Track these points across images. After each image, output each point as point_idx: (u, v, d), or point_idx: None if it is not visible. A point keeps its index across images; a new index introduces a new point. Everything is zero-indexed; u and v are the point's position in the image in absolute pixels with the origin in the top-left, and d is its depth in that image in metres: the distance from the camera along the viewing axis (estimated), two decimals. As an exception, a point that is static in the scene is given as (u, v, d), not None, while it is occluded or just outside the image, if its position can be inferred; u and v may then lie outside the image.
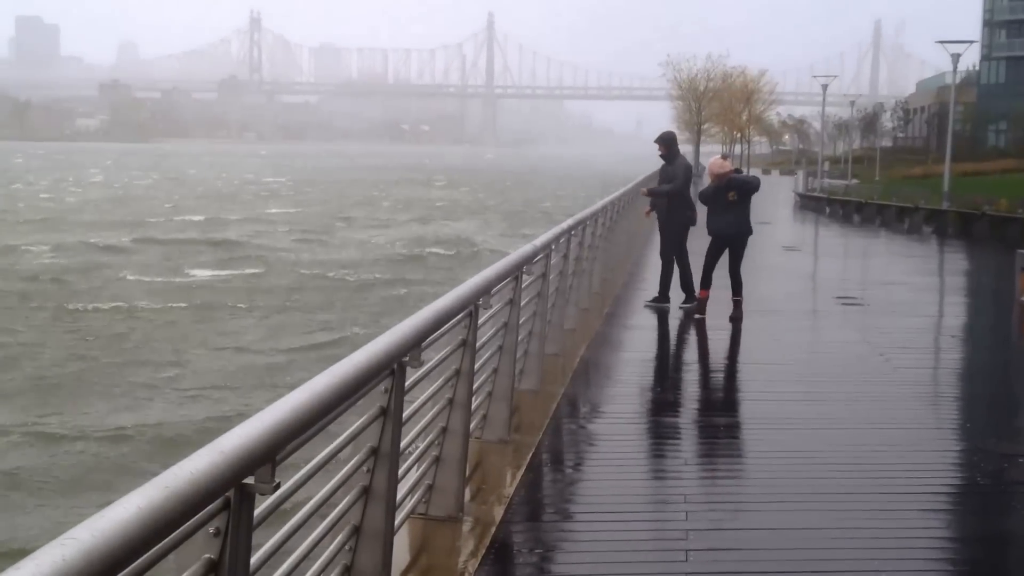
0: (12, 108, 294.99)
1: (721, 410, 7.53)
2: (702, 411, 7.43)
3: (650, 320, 11.24)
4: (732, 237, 11.07)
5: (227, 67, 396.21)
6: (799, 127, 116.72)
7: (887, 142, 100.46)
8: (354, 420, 3.27)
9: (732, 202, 11.00)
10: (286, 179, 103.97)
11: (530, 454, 5.80)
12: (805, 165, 60.15)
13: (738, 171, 11.60)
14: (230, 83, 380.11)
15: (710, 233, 11.20)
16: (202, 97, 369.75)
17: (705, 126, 72.24)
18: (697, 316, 11.14)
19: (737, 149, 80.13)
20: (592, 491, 5.43)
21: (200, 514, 1.96)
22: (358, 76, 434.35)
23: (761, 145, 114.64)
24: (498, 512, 4.84)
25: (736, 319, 10.92)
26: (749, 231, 11.31)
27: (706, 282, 11.18)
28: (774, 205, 40.76)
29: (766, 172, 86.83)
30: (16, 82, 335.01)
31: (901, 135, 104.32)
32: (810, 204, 40.01)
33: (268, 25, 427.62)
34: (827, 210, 36.53)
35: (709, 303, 11.23)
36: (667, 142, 12.17)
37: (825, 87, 51.55)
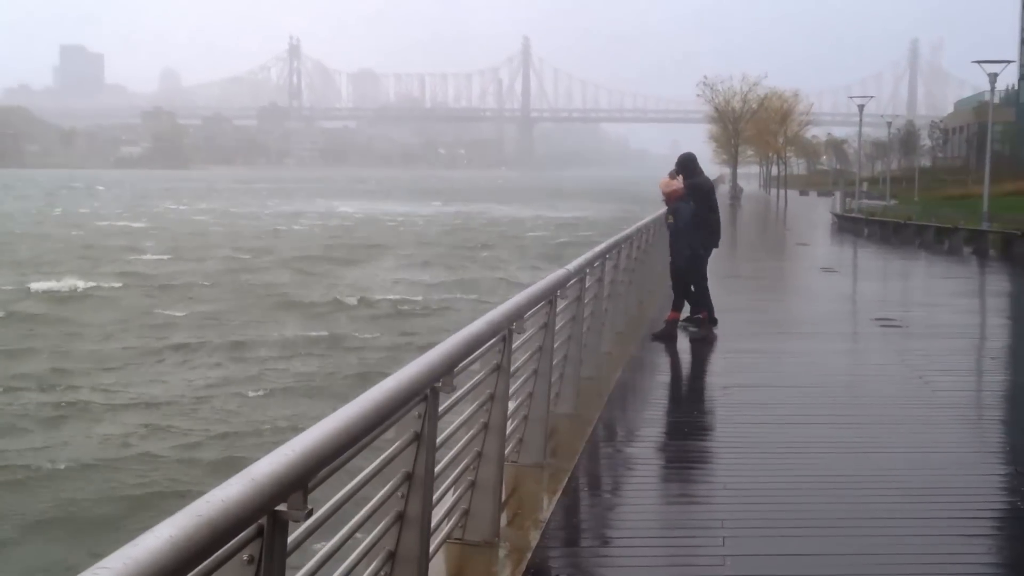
0: (57, 136, 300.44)
1: (760, 434, 7.45)
2: (739, 434, 7.35)
3: (687, 343, 11.17)
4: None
5: (267, 93, 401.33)
6: (837, 147, 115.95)
7: (926, 162, 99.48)
8: (387, 445, 3.26)
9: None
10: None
11: (566, 478, 5.77)
12: (843, 186, 59.62)
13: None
14: (270, 109, 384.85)
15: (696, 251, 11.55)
16: (242, 124, 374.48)
17: (741, 147, 71.95)
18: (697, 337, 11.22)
19: (774, 170, 79.68)
20: (629, 516, 5.38)
21: (233, 541, 1.96)
22: (395, 101, 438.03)
23: (798, 166, 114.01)
24: (534, 537, 4.81)
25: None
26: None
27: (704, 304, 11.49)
28: (811, 226, 40.43)
29: (803, 193, 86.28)
30: (61, 110, 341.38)
31: (940, 155, 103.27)
32: (848, 225, 39.62)
33: (307, 52, 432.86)
34: (865, 231, 36.15)
35: (744, 326, 11.22)
36: (682, 164, 11.99)
37: (862, 107, 51.15)
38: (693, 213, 11.43)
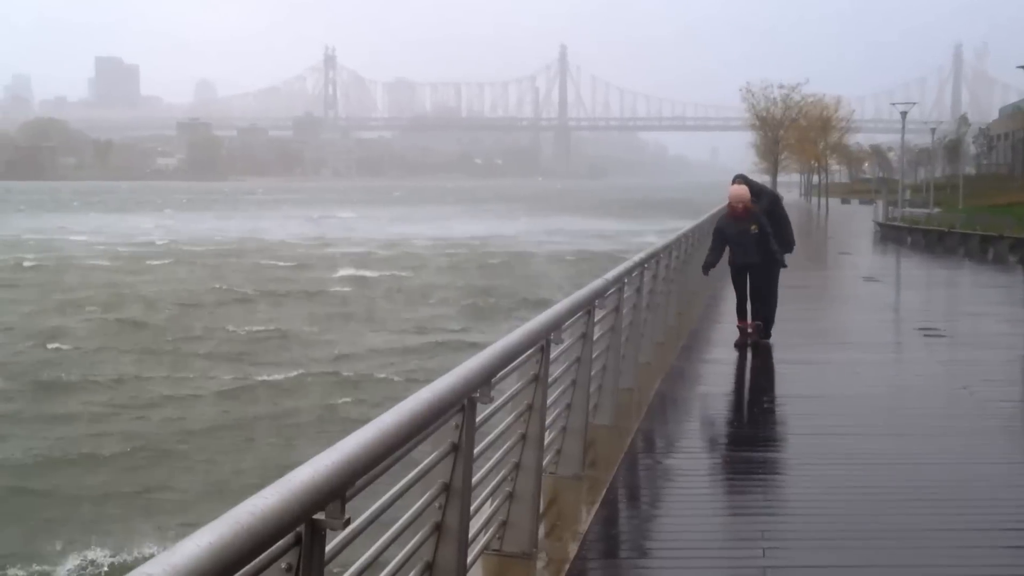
0: (93, 148, 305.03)
1: (800, 445, 7.39)
2: (781, 446, 7.29)
3: (728, 354, 11.10)
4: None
5: (303, 104, 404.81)
6: (879, 155, 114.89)
7: (971, 169, 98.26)
8: (425, 456, 3.28)
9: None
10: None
11: (604, 490, 5.76)
12: (885, 194, 59.05)
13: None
14: (305, 120, 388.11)
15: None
16: (278, 135, 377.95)
17: (782, 155, 71.51)
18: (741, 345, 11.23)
19: (815, 178, 79.10)
20: (668, 527, 5.36)
21: (271, 550, 1.98)
22: (432, 110, 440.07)
23: (840, 174, 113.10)
24: (572, 548, 4.80)
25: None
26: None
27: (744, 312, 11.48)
28: (854, 235, 40.08)
29: (845, 201, 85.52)
30: (97, 123, 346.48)
31: (985, 162, 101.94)
32: (891, 234, 39.24)
33: (343, 62, 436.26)
34: (908, 240, 35.78)
35: (786, 336, 11.13)
36: (744, 180, 12.14)
37: (904, 114, 50.67)
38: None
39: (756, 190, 12.13)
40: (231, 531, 1.74)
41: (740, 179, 12.16)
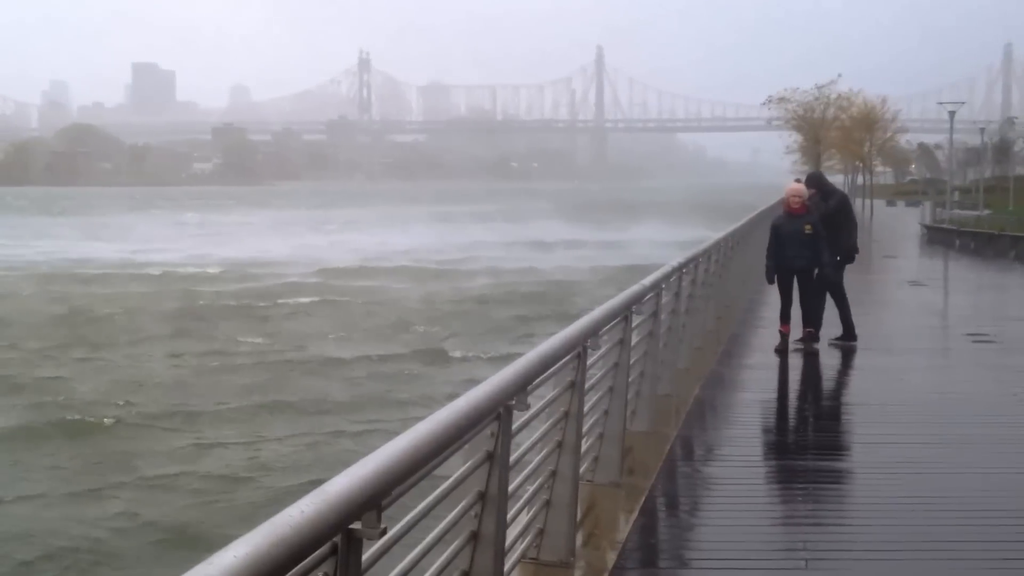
0: (130, 153, 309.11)
1: (843, 454, 7.32)
2: (823, 454, 7.23)
3: (769, 359, 11.03)
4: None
5: (337, 107, 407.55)
6: (926, 155, 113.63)
7: (1022, 170, 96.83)
8: (460, 464, 3.29)
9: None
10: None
11: (643, 498, 5.74)
12: (933, 195, 58.34)
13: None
14: (339, 123, 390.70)
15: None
16: (312, 138, 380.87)
17: (825, 156, 70.88)
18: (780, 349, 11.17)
19: (859, 179, 78.39)
20: (708, 537, 5.34)
21: (307, 560, 2.00)
22: (466, 113, 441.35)
23: (885, 175, 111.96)
24: (611, 558, 4.80)
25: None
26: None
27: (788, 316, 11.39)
28: (899, 238, 39.65)
29: (891, 203, 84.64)
30: (133, 128, 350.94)
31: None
32: (938, 236, 38.75)
33: (377, 65, 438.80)
34: (957, 243, 35.32)
35: (827, 342, 11.17)
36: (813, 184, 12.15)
37: (952, 113, 50.05)
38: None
39: (828, 190, 12.14)
40: (267, 542, 1.76)
41: (813, 177, 12.31)
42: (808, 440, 7.73)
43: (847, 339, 11.63)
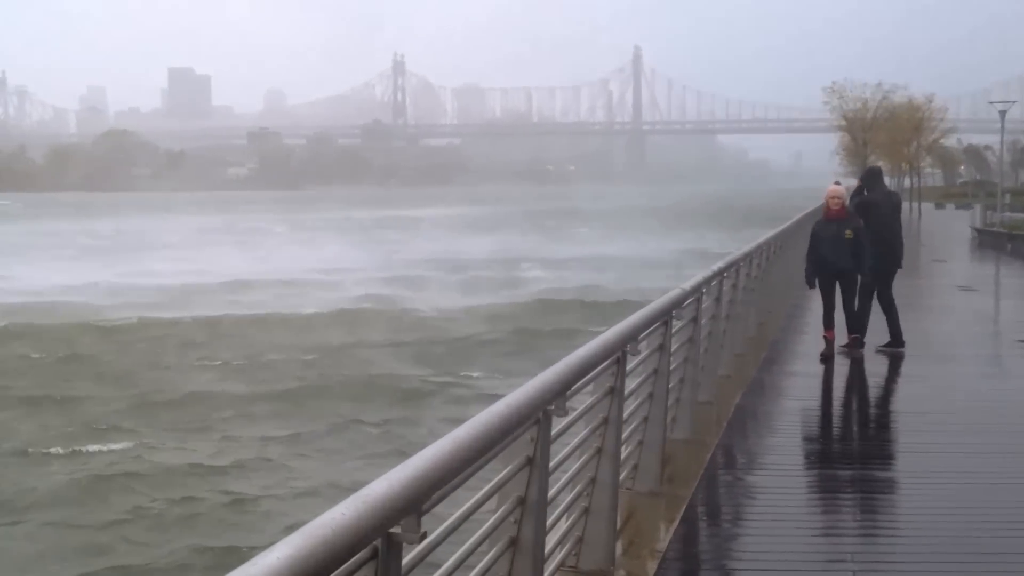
0: (166, 158, 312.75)
1: (889, 462, 7.27)
2: (869, 463, 7.18)
3: (813, 366, 10.96)
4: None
5: (371, 111, 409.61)
6: (976, 156, 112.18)
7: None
8: (500, 469, 3.32)
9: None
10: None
11: (684, 507, 5.74)
12: (983, 198, 57.60)
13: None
14: (374, 127, 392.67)
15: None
16: (347, 142, 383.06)
17: (871, 158, 70.19)
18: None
19: (907, 182, 77.55)
20: (751, 547, 5.32)
21: (348, 563, 2.03)
22: (502, 116, 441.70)
23: (934, 177, 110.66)
24: (651, 567, 4.80)
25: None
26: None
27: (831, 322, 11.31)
28: (949, 241, 39.17)
29: (939, 206, 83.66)
30: (169, 133, 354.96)
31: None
32: (989, 240, 38.23)
33: (411, 68, 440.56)
34: (1008, 246, 34.81)
35: (873, 348, 11.11)
36: (865, 177, 12.28)
37: (1003, 113, 49.39)
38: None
39: (869, 187, 12.09)
40: (309, 544, 1.80)
41: (867, 175, 12.25)
42: (853, 449, 7.68)
43: (894, 346, 11.53)
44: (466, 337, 27.94)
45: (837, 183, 11.96)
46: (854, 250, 11.04)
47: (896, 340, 11.57)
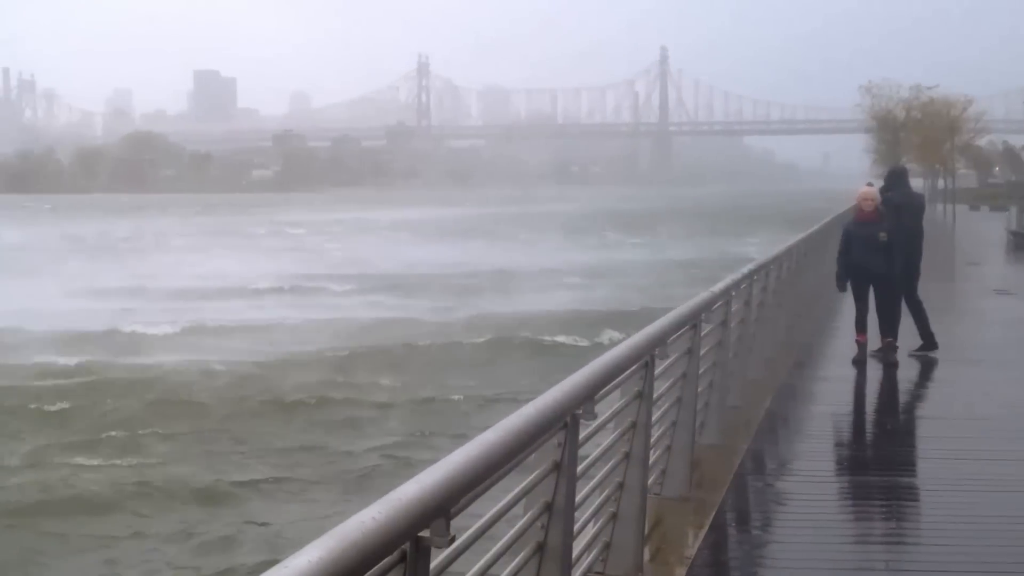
0: (191, 161, 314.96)
1: (922, 469, 7.21)
2: (901, 470, 7.13)
3: (845, 371, 10.89)
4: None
5: (395, 113, 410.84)
6: (1012, 157, 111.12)
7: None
8: (527, 474, 3.33)
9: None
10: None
11: (713, 513, 5.72)
12: (1019, 199, 56.99)
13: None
14: (398, 129, 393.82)
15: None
16: (371, 144, 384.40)
17: (904, 159, 69.74)
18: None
19: (940, 183, 76.93)
20: (782, 555, 5.30)
21: (377, 567, 2.05)
22: (527, 117, 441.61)
23: (968, 178, 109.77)
24: (679, 573, 4.80)
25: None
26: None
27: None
28: (983, 244, 38.81)
29: (974, 208, 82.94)
30: (195, 135, 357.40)
31: None
32: (1024, 242, 37.86)
33: (436, 70, 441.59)
34: (1046, 249, 34.50)
35: (906, 353, 11.08)
36: (890, 177, 12.18)
37: (1038, 112, 48.88)
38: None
39: (893, 186, 12.02)
40: (340, 547, 1.82)
41: (891, 174, 12.20)
42: (886, 455, 7.63)
43: (927, 348, 11.45)
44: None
45: (870, 184, 11.88)
46: (887, 253, 10.95)
47: (928, 342, 11.49)
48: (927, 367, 11.14)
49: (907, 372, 10.78)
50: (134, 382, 21.28)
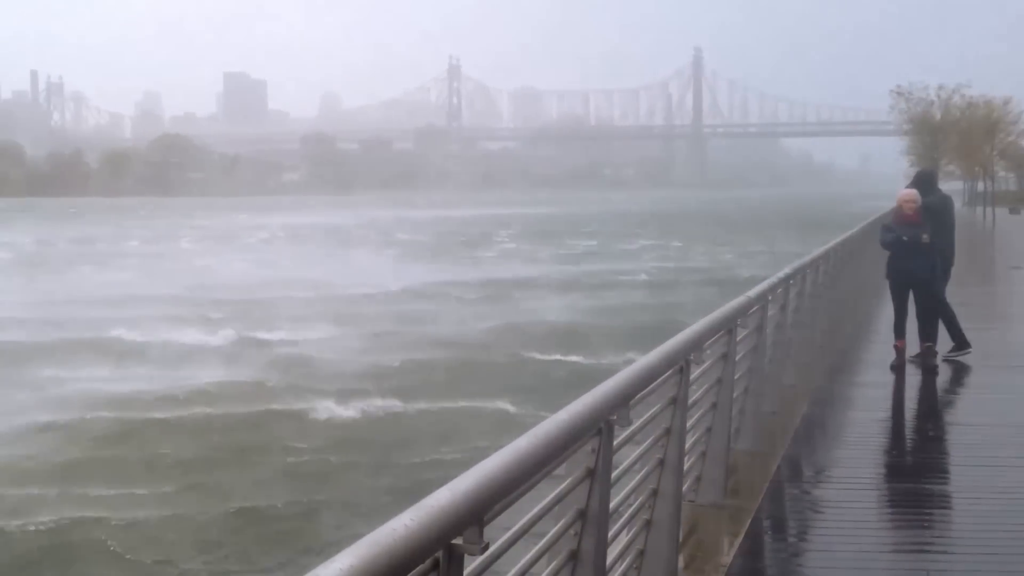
0: (221, 163, 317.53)
1: (965, 476, 7.12)
2: (943, 477, 7.05)
3: (883, 376, 10.79)
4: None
5: (426, 115, 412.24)
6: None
7: None
8: (561, 480, 3.31)
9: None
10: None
11: (748, 520, 5.68)
12: (1060, 201, 56.25)
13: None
14: (428, 131, 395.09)
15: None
16: (401, 147, 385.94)
17: (942, 161, 69.07)
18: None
19: (979, 186, 76.09)
20: (819, 563, 5.25)
21: (410, 574, 2.04)
22: (558, 119, 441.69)
23: (1008, 180, 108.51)
24: None
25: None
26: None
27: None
28: (1024, 247, 38.37)
29: (1014, 211, 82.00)
30: (225, 137, 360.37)
31: None
32: (1068, 245, 37.36)
33: (467, 71, 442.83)
34: (1087, 252, 34.02)
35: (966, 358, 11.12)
36: (918, 180, 12.05)
37: (1082, 113, 48.28)
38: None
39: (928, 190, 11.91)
40: (372, 554, 1.81)
41: (920, 177, 12.06)
42: (927, 462, 7.54)
43: (960, 349, 11.33)
44: None
45: (919, 179, 11.86)
46: (928, 255, 10.86)
47: (961, 343, 11.36)
48: (967, 373, 11.02)
49: (946, 378, 10.66)
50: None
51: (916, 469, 7.31)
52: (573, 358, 24.46)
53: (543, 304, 34.47)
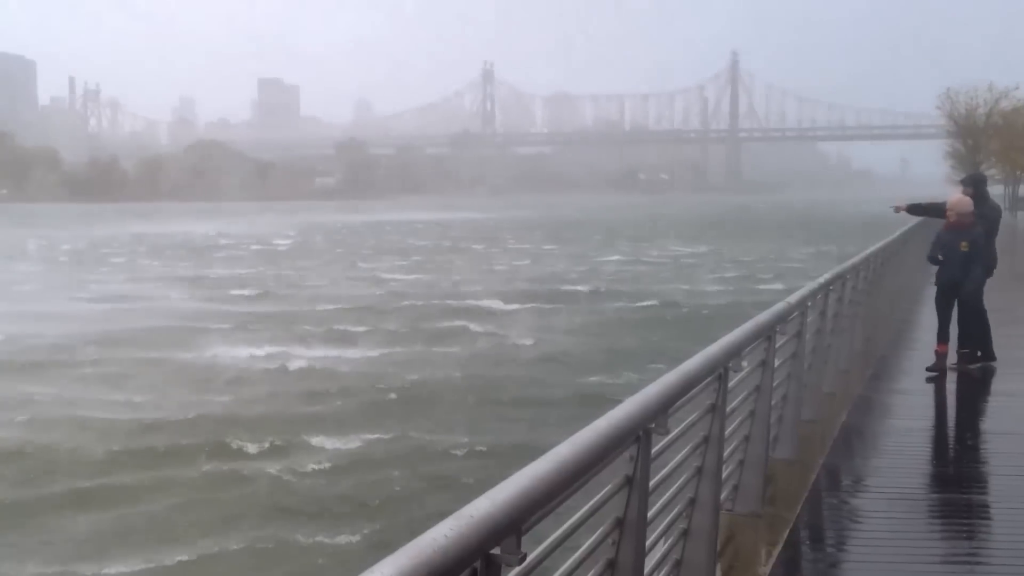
0: (254, 169, 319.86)
1: (1008, 487, 7.02)
2: (985, 487, 6.96)
3: (923, 384, 10.68)
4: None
5: (460, 121, 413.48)
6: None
7: None
8: (598, 489, 3.29)
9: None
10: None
11: (787, 530, 5.63)
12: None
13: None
14: (463, 137, 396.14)
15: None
16: (435, 152, 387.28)
17: (983, 165, 68.33)
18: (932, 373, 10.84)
19: (1022, 190, 75.20)
20: (858, 574, 5.20)
21: None
22: (593, 124, 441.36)
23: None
24: None
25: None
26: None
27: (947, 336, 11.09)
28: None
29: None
30: (259, 143, 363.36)
31: None
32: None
33: (501, 76, 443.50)
34: None
35: (1003, 365, 10.97)
36: (973, 182, 12.03)
37: None
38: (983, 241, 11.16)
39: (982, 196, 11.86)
40: (412, 564, 1.81)
41: (976, 182, 12.05)
42: (969, 472, 7.45)
43: (987, 359, 11.23)
44: None
45: (968, 183, 11.84)
46: (970, 264, 10.84)
47: (988, 354, 11.30)
48: (1007, 380, 10.88)
49: (986, 385, 10.55)
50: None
51: (956, 479, 7.22)
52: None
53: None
